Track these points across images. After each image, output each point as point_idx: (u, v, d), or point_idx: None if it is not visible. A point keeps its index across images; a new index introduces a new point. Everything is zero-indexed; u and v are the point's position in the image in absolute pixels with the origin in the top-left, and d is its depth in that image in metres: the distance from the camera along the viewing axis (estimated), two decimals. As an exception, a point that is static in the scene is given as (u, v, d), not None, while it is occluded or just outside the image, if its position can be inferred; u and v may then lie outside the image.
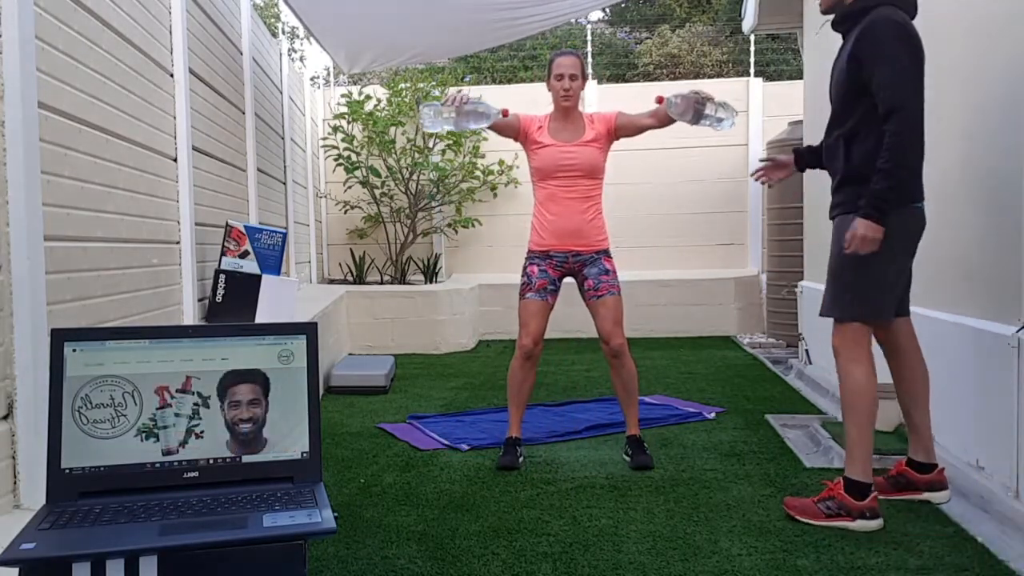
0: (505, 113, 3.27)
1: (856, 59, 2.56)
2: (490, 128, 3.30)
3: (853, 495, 2.57)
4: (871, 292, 2.60)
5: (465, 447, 3.61)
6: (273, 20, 13.62)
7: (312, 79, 8.99)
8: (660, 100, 3.23)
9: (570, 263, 3.38)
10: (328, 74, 10.67)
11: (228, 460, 1.73)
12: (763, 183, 3.14)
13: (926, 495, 2.77)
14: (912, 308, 3.47)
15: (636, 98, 8.30)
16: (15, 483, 2.20)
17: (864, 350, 2.62)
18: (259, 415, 1.76)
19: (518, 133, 3.41)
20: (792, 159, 3.05)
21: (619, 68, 13.96)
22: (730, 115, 3.15)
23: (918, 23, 2.59)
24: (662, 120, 3.30)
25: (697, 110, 3.12)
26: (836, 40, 2.81)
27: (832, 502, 2.59)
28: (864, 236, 2.48)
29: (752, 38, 8.91)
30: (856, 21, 2.62)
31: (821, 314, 2.72)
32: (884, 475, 2.87)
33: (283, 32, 13.44)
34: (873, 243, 2.48)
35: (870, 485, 2.58)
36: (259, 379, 1.77)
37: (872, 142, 2.55)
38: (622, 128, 3.39)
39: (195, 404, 1.73)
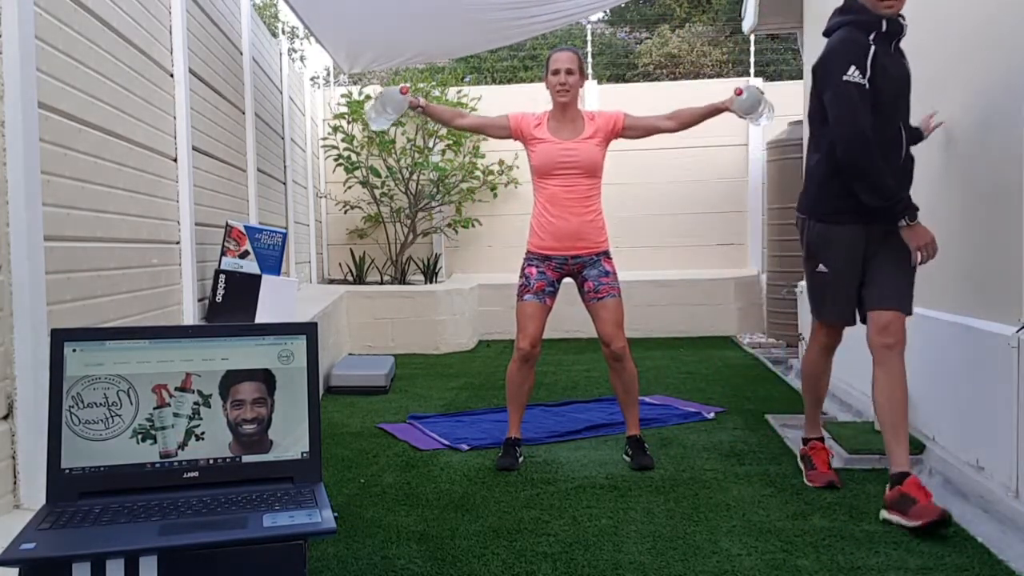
0: (404, 90, 3.33)
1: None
2: (480, 132, 3.43)
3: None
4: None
5: (465, 447, 3.61)
6: (273, 20, 13.62)
7: (312, 79, 8.99)
8: (739, 92, 3.27)
9: (569, 265, 3.37)
10: (328, 74, 10.67)
11: (228, 460, 1.73)
12: None
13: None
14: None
15: (636, 98, 8.32)
16: (15, 483, 2.20)
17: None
18: (264, 415, 1.76)
19: (511, 132, 3.41)
20: None
21: (619, 68, 13.97)
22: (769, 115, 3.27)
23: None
24: (683, 123, 3.38)
25: (758, 110, 3.24)
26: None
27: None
28: None
29: (752, 38, 8.90)
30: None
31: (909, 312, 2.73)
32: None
33: (283, 32, 13.44)
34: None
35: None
36: (264, 377, 1.77)
37: None
38: (630, 129, 3.39)
39: (195, 403, 1.73)
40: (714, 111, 3.35)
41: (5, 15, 2.17)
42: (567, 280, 3.44)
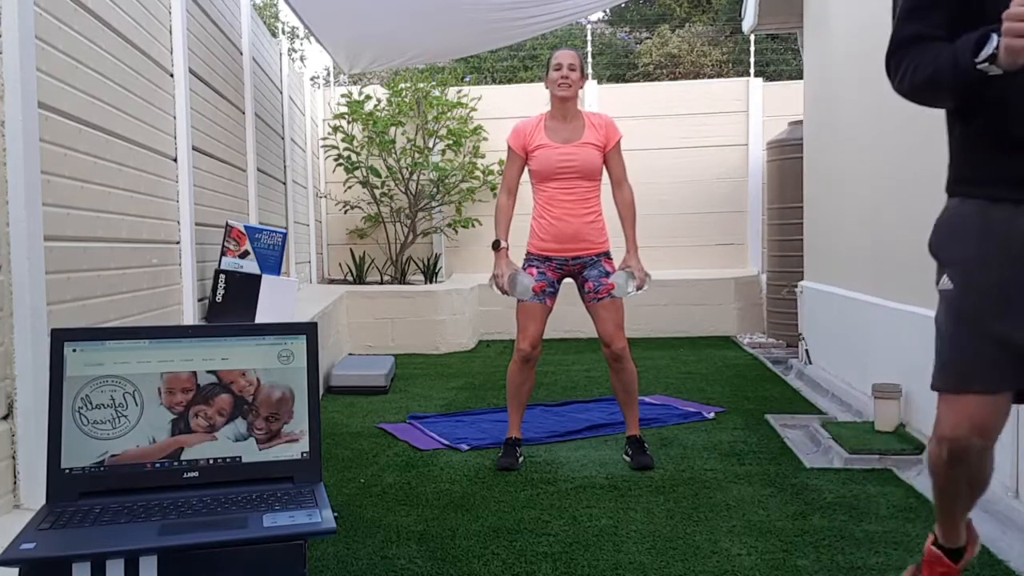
0: (536, 290, 3.31)
1: None
2: (519, 178, 3.46)
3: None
4: None
5: (465, 447, 3.61)
6: (273, 20, 13.62)
7: (312, 79, 8.99)
8: (612, 286, 3.30)
9: (570, 266, 3.37)
10: (328, 74, 10.68)
11: (228, 460, 1.73)
12: None
13: None
14: (912, 308, 3.47)
15: (636, 98, 8.32)
16: (15, 483, 2.20)
17: None
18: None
19: (522, 157, 3.40)
20: None
21: (619, 68, 13.96)
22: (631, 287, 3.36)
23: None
24: (620, 207, 3.44)
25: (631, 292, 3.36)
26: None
27: None
28: None
29: (752, 38, 8.90)
30: None
31: None
32: None
33: (283, 32, 13.44)
34: None
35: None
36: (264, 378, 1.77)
37: None
38: (609, 159, 3.39)
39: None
40: (627, 249, 3.41)
41: (5, 15, 2.17)
42: (567, 280, 3.44)
